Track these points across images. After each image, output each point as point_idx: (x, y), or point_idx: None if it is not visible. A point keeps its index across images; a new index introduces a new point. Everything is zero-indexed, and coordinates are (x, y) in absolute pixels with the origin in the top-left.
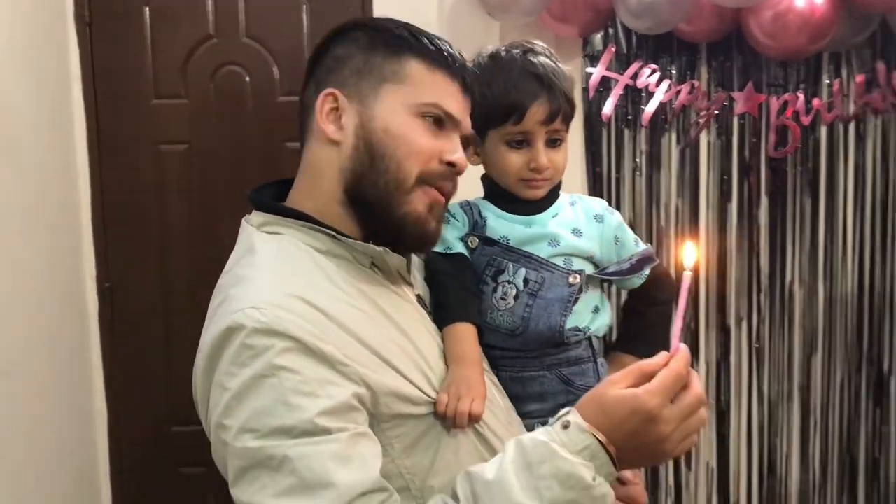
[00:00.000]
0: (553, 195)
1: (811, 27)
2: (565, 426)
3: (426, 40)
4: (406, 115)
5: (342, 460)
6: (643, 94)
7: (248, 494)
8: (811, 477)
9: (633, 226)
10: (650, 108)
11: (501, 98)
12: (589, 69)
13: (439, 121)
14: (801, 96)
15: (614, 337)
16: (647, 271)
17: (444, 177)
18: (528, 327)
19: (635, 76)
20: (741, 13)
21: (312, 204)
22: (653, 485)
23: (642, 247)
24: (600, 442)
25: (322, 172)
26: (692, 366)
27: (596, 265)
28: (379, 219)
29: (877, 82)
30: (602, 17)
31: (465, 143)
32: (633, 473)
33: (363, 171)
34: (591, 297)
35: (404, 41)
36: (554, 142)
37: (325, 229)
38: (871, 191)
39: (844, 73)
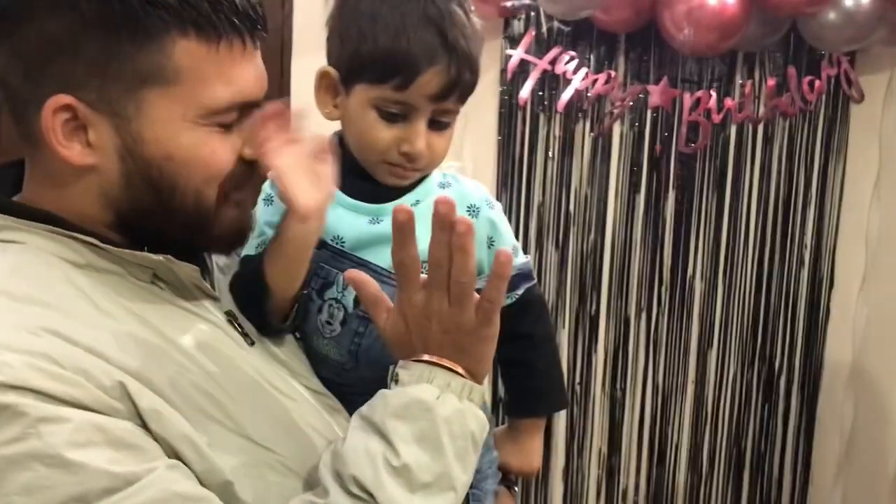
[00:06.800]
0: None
1: (721, 24)
2: (395, 380)
3: None
4: (191, 129)
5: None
6: (560, 81)
7: None
8: (699, 468)
9: (541, 211)
10: (566, 95)
11: (386, 46)
12: (509, 51)
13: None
14: (714, 94)
15: None
16: (521, 290)
17: (247, 177)
18: (359, 362)
19: (553, 62)
20: (656, 5)
21: (63, 204)
22: (544, 469)
23: (522, 258)
24: (431, 363)
25: (72, 188)
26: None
27: None
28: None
29: (787, 87)
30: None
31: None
32: (508, 496)
33: (150, 209)
34: None
35: (163, 9)
36: (440, 124)
37: (83, 236)
38: (775, 192)
39: (757, 75)
